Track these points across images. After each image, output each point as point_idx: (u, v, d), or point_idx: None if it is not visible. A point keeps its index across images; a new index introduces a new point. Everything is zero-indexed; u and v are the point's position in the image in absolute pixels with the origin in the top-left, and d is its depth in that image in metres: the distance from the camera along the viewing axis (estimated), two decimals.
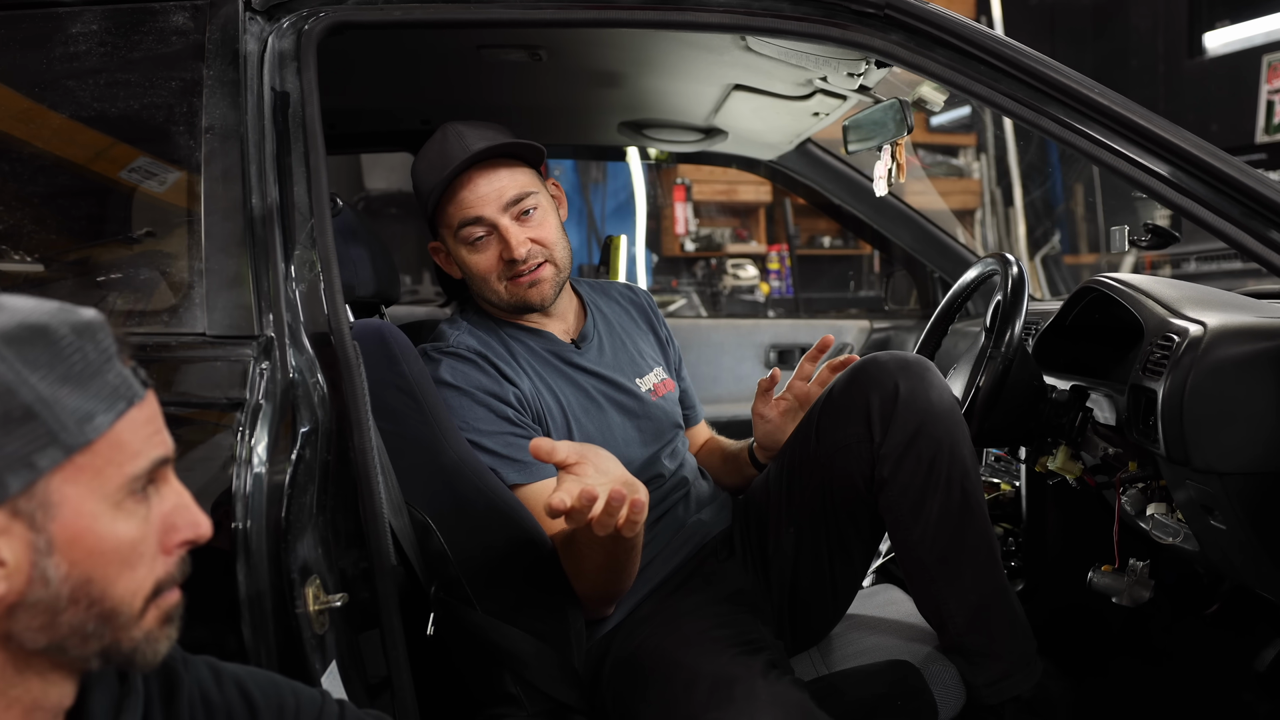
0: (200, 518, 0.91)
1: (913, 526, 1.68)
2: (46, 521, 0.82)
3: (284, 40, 1.55)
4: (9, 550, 0.81)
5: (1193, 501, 1.70)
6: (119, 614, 0.86)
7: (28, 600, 0.83)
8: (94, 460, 0.84)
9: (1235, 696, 2.18)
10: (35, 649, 0.85)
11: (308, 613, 1.32)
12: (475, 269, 1.82)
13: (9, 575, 0.82)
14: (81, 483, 0.83)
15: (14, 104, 1.49)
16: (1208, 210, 1.58)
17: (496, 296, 1.83)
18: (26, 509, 0.81)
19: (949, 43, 1.60)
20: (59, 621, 0.84)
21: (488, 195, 1.77)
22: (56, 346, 0.83)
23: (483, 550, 1.63)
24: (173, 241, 1.45)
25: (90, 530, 0.84)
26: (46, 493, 0.82)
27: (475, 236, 1.79)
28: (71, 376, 0.83)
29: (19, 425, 0.80)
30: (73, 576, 0.83)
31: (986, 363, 1.96)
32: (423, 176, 1.81)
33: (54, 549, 0.83)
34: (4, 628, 0.83)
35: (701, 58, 2.16)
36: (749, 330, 3.55)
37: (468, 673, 1.67)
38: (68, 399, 0.82)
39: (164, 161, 1.47)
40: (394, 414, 1.59)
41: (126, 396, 0.86)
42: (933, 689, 1.69)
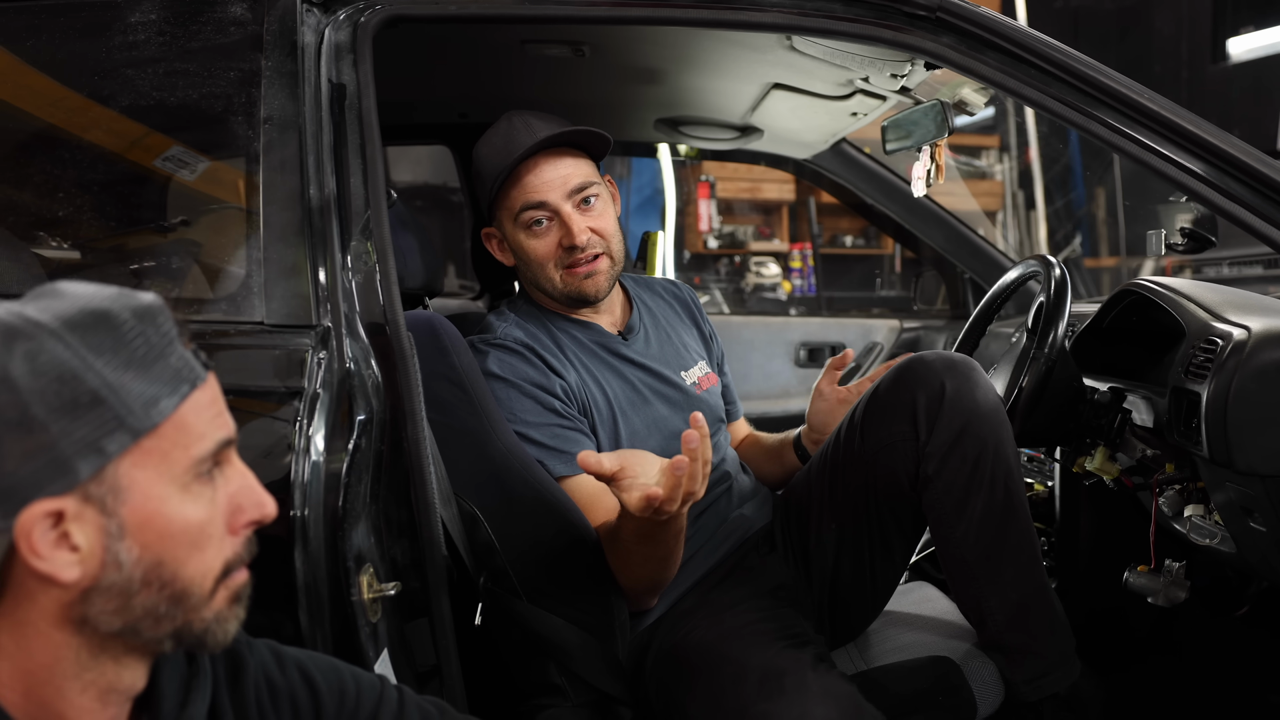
0: (265, 498, 0.92)
1: (956, 524, 1.69)
2: (117, 506, 0.83)
3: (340, 33, 1.56)
4: (82, 536, 0.82)
5: (1232, 503, 1.71)
6: (190, 595, 0.87)
7: (102, 584, 0.84)
8: (160, 443, 0.85)
9: (1263, 698, 2.19)
10: (110, 632, 0.86)
11: (362, 600, 1.33)
12: (533, 255, 1.82)
13: (83, 560, 0.83)
14: (149, 466, 0.84)
15: (74, 93, 1.51)
16: (1253, 215, 1.59)
17: (551, 285, 1.83)
18: (97, 494, 0.82)
19: (1000, 46, 1.61)
20: (132, 604, 0.85)
21: (553, 181, 1.78)
22: (119, 331, 0.84)
23: (529, 542, 1.65)
24: (232, 230, 1.47)
25: (160, 513, 0.85)
26: (116, 477, 0.83)
27: (535, 220, 1.80)
28: (135, 361, 0.84)
29: (87, 411, 0.81)
30: (144, 560, 0.85)
31: (1030, 363, 1.96)
32: (486, 160, 1.82)
33: (125, 533, 0.84)
34: (79, 611, 0.84)
35: (744, 56, 2.18)
36: (779, 328, 3.56)
37: (513, 663, 1.68)
38: (133, 384, 0.83)
39: (223, 151, 1.49)
40: (443, 405, 1.60)
41: (189, 379, 0.87)
42: (972, 685, 1.70)
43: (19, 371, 0.79)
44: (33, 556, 0.81)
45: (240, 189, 1.47)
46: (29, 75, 1.53)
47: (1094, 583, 2.32)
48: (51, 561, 0.82)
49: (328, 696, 1.09)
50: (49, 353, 0.80)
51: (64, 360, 0.81)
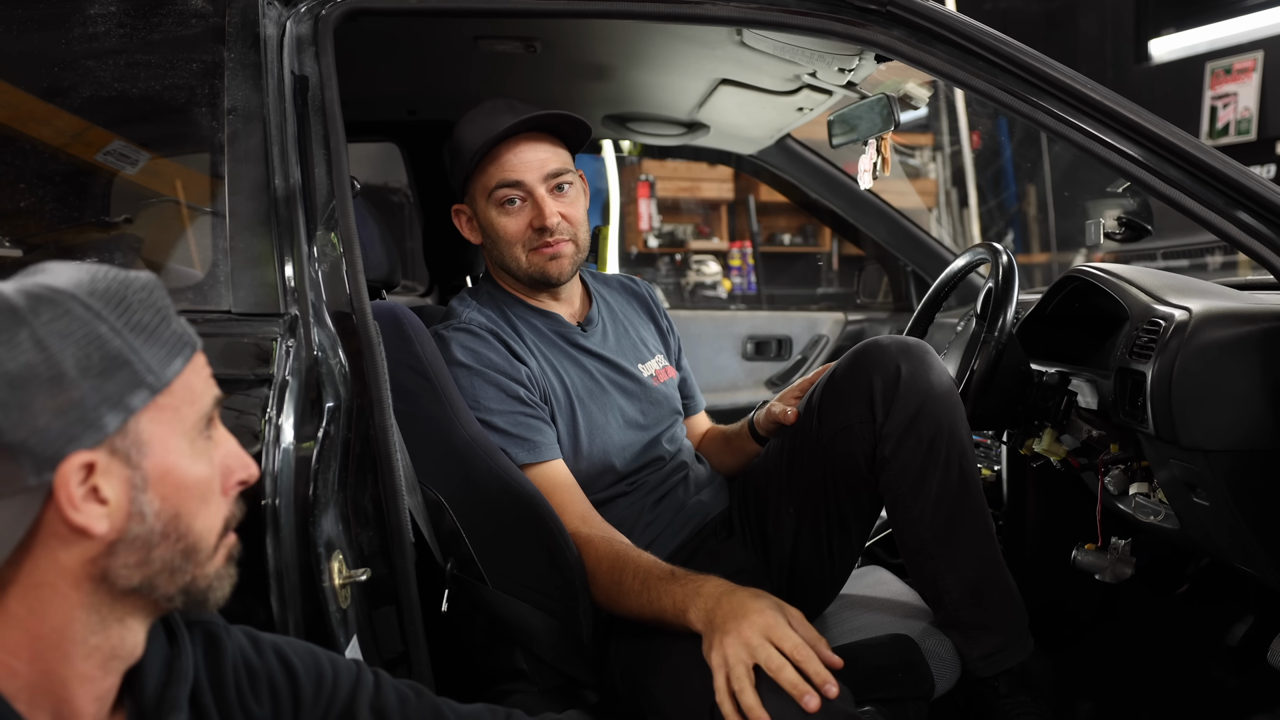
0: (249, 460, 0.98)
1: (912, 504, 1.73)
2: (141, 459, 0.88)
3: (301, 25, 1.57)
4: (110, 489, 0.87)
5: (1176, 480, 1.77)
6: (199, 549, 0.92)
7: (127, 536, 0.88)
8: (173, 400, 0.91)
9: (1206, 672, 2.27)
10: (128, 588, 0.89)
11: (333, 586, 1.34)
12: (503, 232, 1.85)
13: (111, 513, 0.87)
14: (164, 422, 0.90)
15: (34, 85, 1.49)
16: (1192, 200, 1.64)
17: (516, 264, 1.87)
18: (123, 447, 0.87)
19: (949, 39, 1.65)
20: (152, 557, 0.90)
21: (530, 162, 1.82)
22: (131, 300, 0.90)
23: (494, 528, 1.66)
24: (198, 220, 1.47)
25: (176, 465, 0.91)
26: (138, 431, 0.88)
27: (509, 199, 1.84)
28: (146, 326, 0.90)
29: (113, 369, 0.87)
30: (164, 512, 0.90)
31: (980, 348, 2.02)
32: (467, 135, 1.84)
33: (148, 484, 0.89)
34: (103, 565, 0.88)
35: (694, 52, 2.20)
36: (726, 322, 3.60)
37: (479, 649, 1.69)
38: (148, 346, 0.89)
39: (188, 142, 1.49)
40: (407, 394, 1.61)
41: (190, 344, 0.94)
42: (930, 662, 1.74)
43: (49, 334, 0.85)
44: (70, 508, 0.84)
45: (206, 179, 1.47)
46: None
47: (1042, 564, 2.38)
48: (86, 514, 0.85)
49: (305, 679, 1.10)
50: (76, 317, 0.86)
51: (90, 324, 0.86)
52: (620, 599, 1.64)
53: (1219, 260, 5.11)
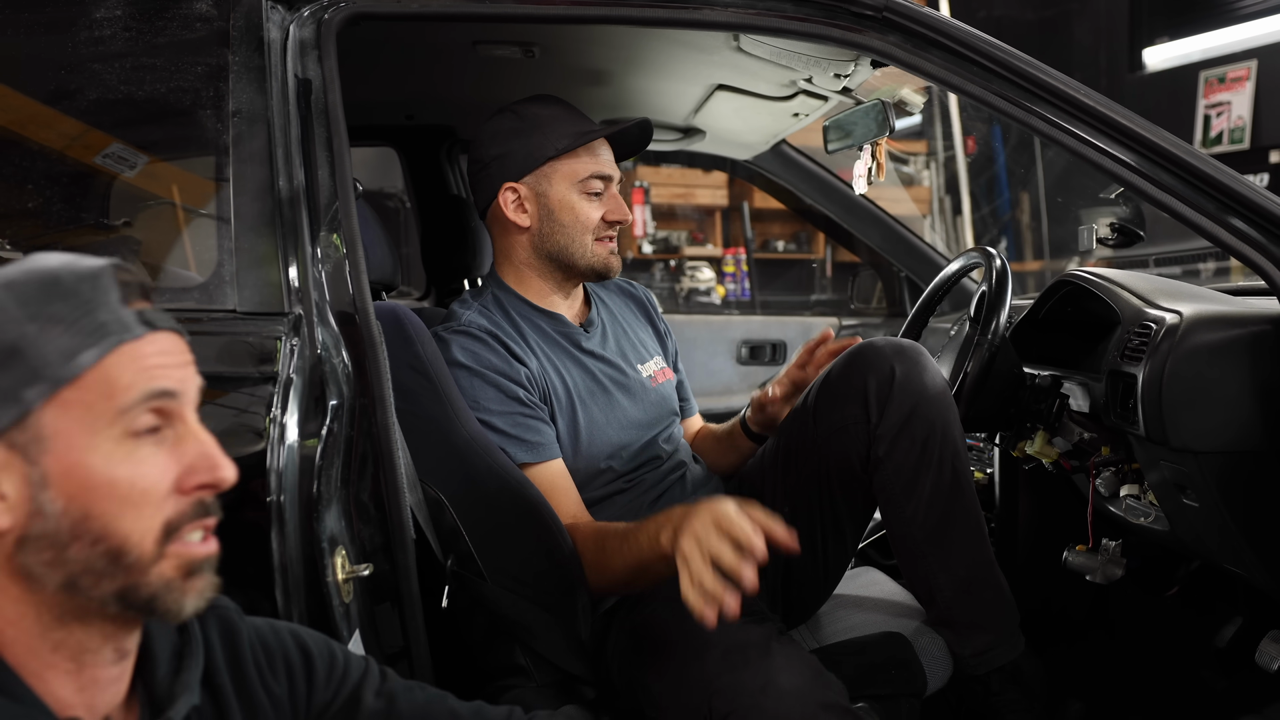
0: (220, 461, 0.92)
1: (905, 504, 1.75)
2: (40, 455, 0.86)
3: (305, 29, 1.59)
4: (8, 484, 0.86)
5: (1166, 481, 1.79)
6: (126, 553, 0.88)
7: (31, 534, 0.86)
8: (83, 395, 0.87)
9: (1195, 673, 2.29)
10: (55, 587, 0.88)
11: (336, 581, 1.36)
12: (582, 216, 1.90)
13: (10, 509, 0.86)
14: (72, 417, 0.86)
15: (41, 88, 1.51)
16: (1184, 204, 1.67)
17: (582, 250, 1.91)
18: (20, 442, 0.86)
19: (944, 44, 1.67)
20: (66, 557, 0.87)
21: (614, 164, 1.95)
22: (51, 290, 0.87)
23: (493, 526, 1.68)
24: (204, 220, 1.49)
25: (82, 463, 0.87)
26: (39, 426, 0.86)
27: (596, 190, 1.90)
28: (59, 317, 0.87)
29: (7, 362, 0.85)
30: (70, 511, 0.86)
31: (974, 350, 2.04)
32: (552, 121, 1.91)
33: (49, 482, 0.86)
34: (20, 563, 0.87)
35: (691, 57, 2.22)
36: (721, 326, 3.62)
37: (479, 645, 1.72)
38: (52, 337, 0.86)
39: (193, 144, 1.51)
40: (408, 393, 1.63)
41: (118, 331, 0.89)
42: (922, 660, 1.76)
43: None
44: None
45: (211, 180, 1.49)
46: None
47: (1033, 565, 2.40)
48: None
49: (319, 660, 1.13)
50: None
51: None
52: (608, 565, 1.67)
53: (1212, 267, 5.14)
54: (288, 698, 1.09)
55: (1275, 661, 1.92)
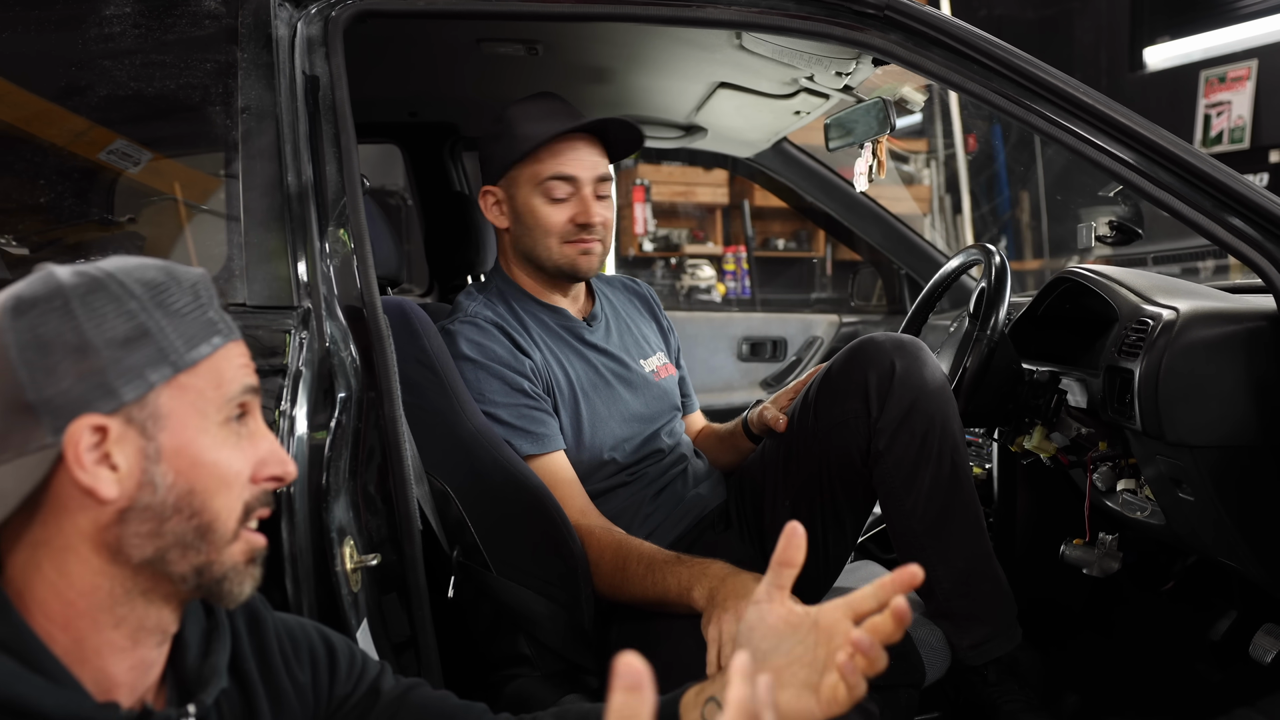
0: (286, 458, 1.01)
1: (905, 497, 1.77)
2: (156, 431, 0.93)
3: (312, 27, 1.61)
4: (122, 456, 0.91)
5: (1162, 476, 1.82)
6: (214, 530, 0.95)
7: (138, 504, 0.92)
8: (196, 381, 0.95)
9: (1190, 666, 2.31)
10: (142, 559, 0.93)
11: (344, 571, 1.38)
12: (543, 220, 1.91)
13: (121, 480, 0.91)
14: (186, 400, 0.94)
15: (52, 84, 1.53)
16: (1181, 202, 1.69)
17: (547, 253, 1.92)
18: (139, 418, 0.92)
19: (945, 43, 1.69)
20: (164, 530, 0.93)
21: (586, 162, 1.91)
22: (170, 287, 0.96)
23: (498, 518, 1.71)
24: (213, 216, 1.51)
25: (193, 443, 0.94)
26: (156, 405, 0.93)
27: (558, 193, 1.90)
28: (180, 310, 0.96)
29: (136, 343, 0.92)
30: (177, 486, 0.93)
31: (973, 345, 2.06)
32: (521, 122, 1.91)
33: (162, 457, 0.93)
34: (115, 535, 0.92)
35: (693, 55, 2.24)
36: (722, 323, 3.64)
37: (484, 634, 1.74)
38: (177, 327, 0.95)
39: (203, 140, 1.53)
40: (415, 386, 1.65)
41: (224, 333, 0.99)
42: (920, 651, 1.78)
43: (80, 306, 0.91)
44: (77, 467, 0.89)
45: (221, 176, 1.51)
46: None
47: (1031, 560, 2.42)
48: (94, 476, 0.90)
49: (342, 654, 1.17)
50: (110, 294, 0.92)
51: (121, 300, 0.92)
52: (624, 584, 1.69)
53: (1211, 265, 5.16)
54: (311, 686, 1.13)
55: (1269, 654, 1.95)
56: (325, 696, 1.15)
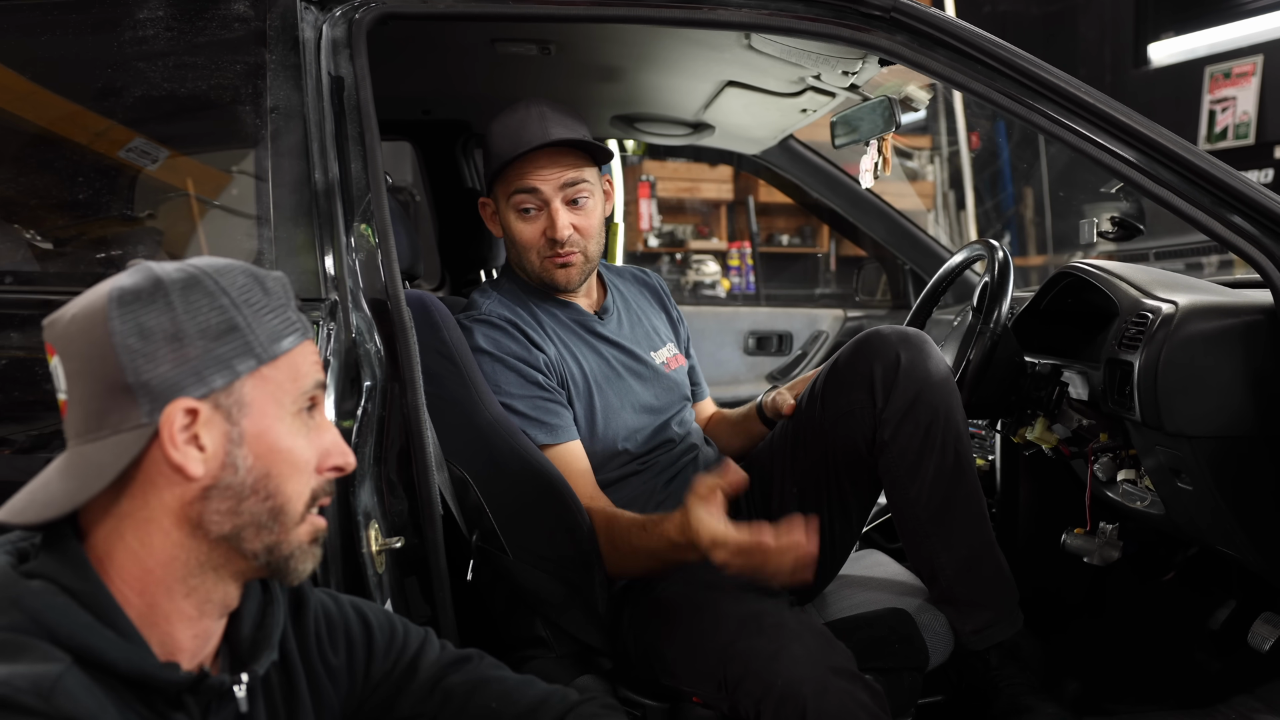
0: (349, 451, 1.10)
1: (909, 486, 1.82)
2: (240, 417, 1.01)
3: (337, 29, 1.66)
4: (209, 438, 1.00)
5: (1162, 466, 1.86)
6: (285, 512, 1.04)
7: (220, 483, 1.01)
8: (277, 374, 1.04)
9: (1189, 655, 2.35)
10: (219, 535, 1.02)
11: (370, 553, 1.44)
12: (518, 237, 1.93)
13: (207, 460, 1.00)
14: (267, 391, 1.03)
15: (89, 85, 1.59)
16: (1181, 199, 1.73)
17: (531, 267, 1.95)
18: (225, 404, 1.01)
19: (949, 44, 1.74)
20: (241, 509, 1.02)
21: (550, 174, 1.89)
22: (256, 287, 1.05)
23: (515, 504, 1.76)
24: (244, 211, 1.56)
25: (272, 430, 1.03)
26: (242, 393, 1.02)
27: (525, 206, 1.90)
28: (265, 308, 1.04)
29: (227, 336, 1.01)
30: (255, 469, 1.02)
31: (976, 338, 2.11)
32: (497, 140, 1.91)
33: (244, 441, 1.02)
34: (197, 510, 1.01)
35: (702, 55, 2.29)
36: (728, 318, 3.69)
37: (501, 617, 1.79)
38: (261, 324, 1.03)
39: (234, 139, 1.59)
40: (435, 377, 1.70)
41: (301, 330, 1.07)
42: (924, 636, 1.83)
43: (179, 300, 1.00)
44: (170, 445, 0.98)
45: (251, 173, 1.57)
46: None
47: (1033, 550, 2.46)
48: (184, 454, 0.98)
49: (379, 632, 1.24)
50: (205, 290, 1.01)
51: (215, 296, 1.02)
52: (627, 553, 1.75)
53: (1215, 260, 5.18)
54: (345, 668, 1.21)
55: (1267, 642, 1.99)
56: (362, 676, 1.22)
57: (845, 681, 1.55)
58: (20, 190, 1.63)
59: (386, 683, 1.24)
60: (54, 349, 1.02)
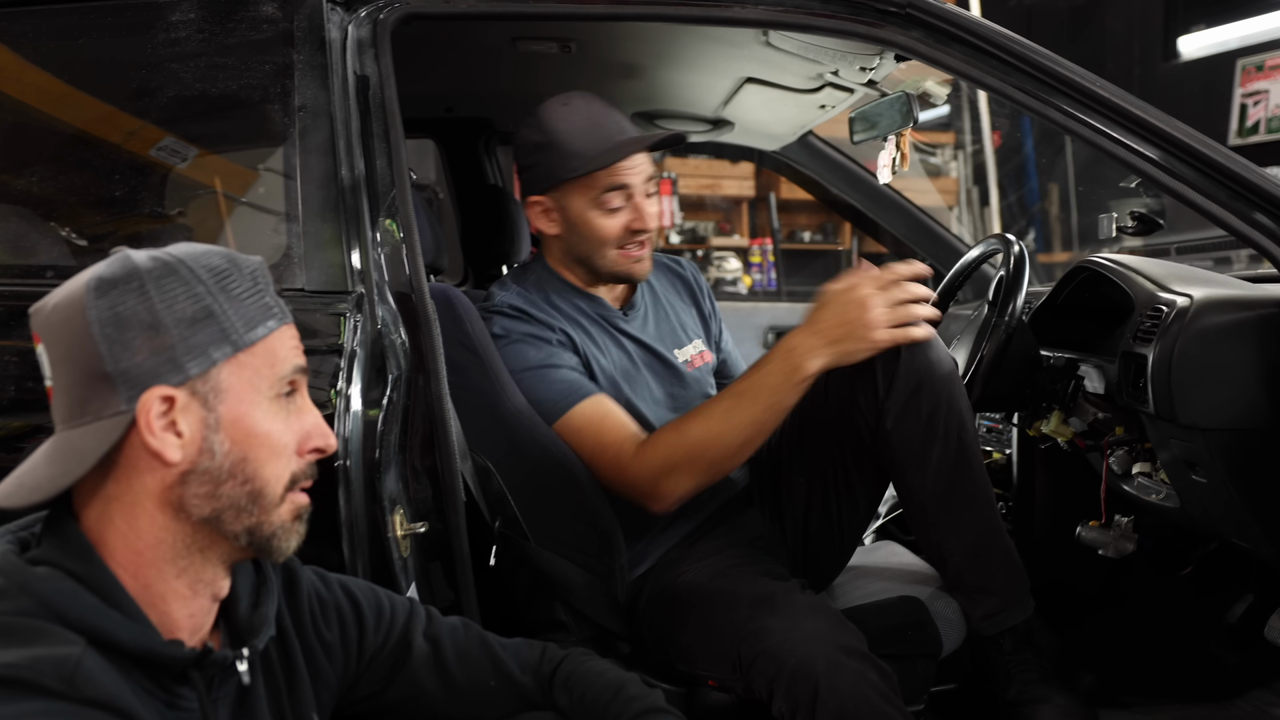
0: (329, 432, 1.12)
1: (915, 474, 1.84)
2: (216, 403, 1.04)
3: (362, 29, 1.70)
4: (186, 425, 1.03)
5: (1176, 459, 1.88)
6: (264, 495, 1.06)
7: (198, 468, 1.03)
8: (253, 360, 1.06)
9: (1206, 649, 2.36)
10: (200, 517, 1.04)
11: (395, 537, 1.49)
12: (600, 231, 1.93)
13: (185, 445, 1.03)
14: (243, 377, 1.05)
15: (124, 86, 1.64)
16: (1197, 193, 1.74)
17: (602, 261, 1.95)
18: (202, 390, 1.03)
19: (964, 39, 1.75)
20: (220, 492, 1.04)
21: (637, 169, 1.92)
22: (231, 273, 1.07)
23: (537, 493, 1.80)
24: (273, 207, 1.61)
25: (248, 415, 1.05)
26: (218, 380, 1.04)
27: (614, 204, 1.92)
28: (240, 295, 1.06)
29: (202, 324, 1.03)
30: (233, 453, 1.04)
31: (990, 332, 2.13)
32: (570, 138, 1.90)
33: (220, 427, 1.04)
34: (178, 494, 1.03)
35: (721, 51, 2.32)
36: (748, 313, 3.73)
37: (523, 602, 1.84)
38: (237, 310, 1.05)
39: (263, 136, 1.63)
40: (458, 368, 1.74)
41: (279, 316, 1.09)
42: (937, 623, 1.86)
43: (154, 289, 1.02)
44: (147, 432, 1.00)
45: (280, 171, 1.61)
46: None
47: (1050, 543, 2.48)
48: (162, 441, 1.01)
49: (368, 610, 1.28)
50: (180, 278, 1.03)
51: (190, 284, 1.04)
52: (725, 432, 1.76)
53: (1245, 254, 5.12)
54: (340, 643, 1.25)
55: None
56: (355, 651, 1.26)
57: (857, 661, 1.58)
58: (58, 188, 1.68)
59: (380, 657, 1.28)
60: (39, 337, 1.04)
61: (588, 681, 1.32)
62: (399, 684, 1.30)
